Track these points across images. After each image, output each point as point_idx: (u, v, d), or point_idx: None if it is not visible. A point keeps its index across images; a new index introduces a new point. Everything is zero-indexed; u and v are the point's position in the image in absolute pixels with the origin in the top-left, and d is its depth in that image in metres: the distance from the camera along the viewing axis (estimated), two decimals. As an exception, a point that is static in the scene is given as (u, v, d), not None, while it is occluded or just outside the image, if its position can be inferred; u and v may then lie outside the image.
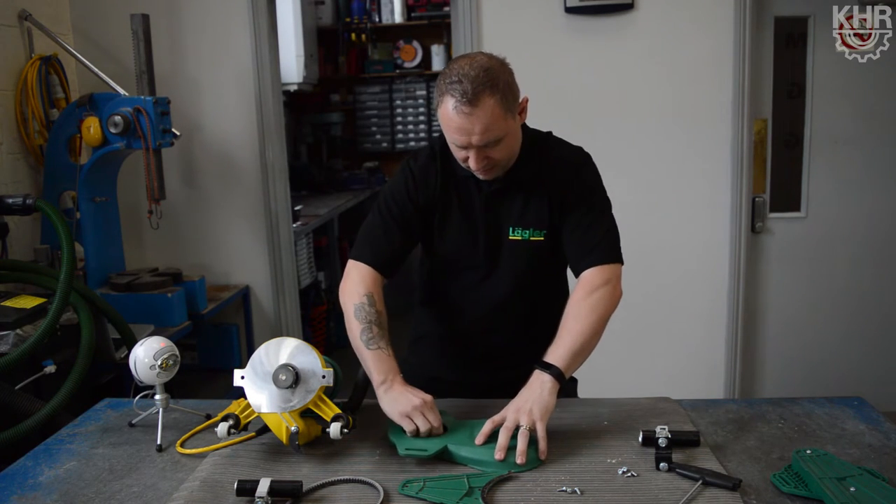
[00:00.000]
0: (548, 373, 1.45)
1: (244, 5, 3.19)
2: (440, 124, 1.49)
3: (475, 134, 1.43)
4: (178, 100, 3.04)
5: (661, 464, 1.30)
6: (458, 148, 1.49)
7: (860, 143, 3.16)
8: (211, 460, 1.39)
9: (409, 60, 5.83)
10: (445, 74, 1.45)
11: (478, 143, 1.45)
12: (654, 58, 3.07)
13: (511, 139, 1.51)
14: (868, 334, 3.29)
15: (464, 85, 1.40)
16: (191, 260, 3.36)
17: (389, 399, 1.45)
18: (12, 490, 1.33)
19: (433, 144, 1.67)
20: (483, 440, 1.37)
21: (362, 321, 1.54)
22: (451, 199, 1.63)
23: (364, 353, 1.51)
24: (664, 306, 3.22)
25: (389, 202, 1.64)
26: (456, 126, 1.44)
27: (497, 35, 3.07)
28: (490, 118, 1.42)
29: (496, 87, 1.42)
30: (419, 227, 1.64)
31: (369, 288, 1.58)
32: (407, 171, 1.65)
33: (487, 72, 1.43)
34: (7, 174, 2.92)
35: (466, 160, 1.50)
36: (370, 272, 1.61)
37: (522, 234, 1.61)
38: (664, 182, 3.16)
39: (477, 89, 1.40)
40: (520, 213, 1.61)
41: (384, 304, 1.59)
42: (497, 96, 1.42)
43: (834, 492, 1.17)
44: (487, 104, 1.41)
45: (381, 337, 1.53)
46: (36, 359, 2.25)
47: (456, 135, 1.45)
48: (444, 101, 1.44)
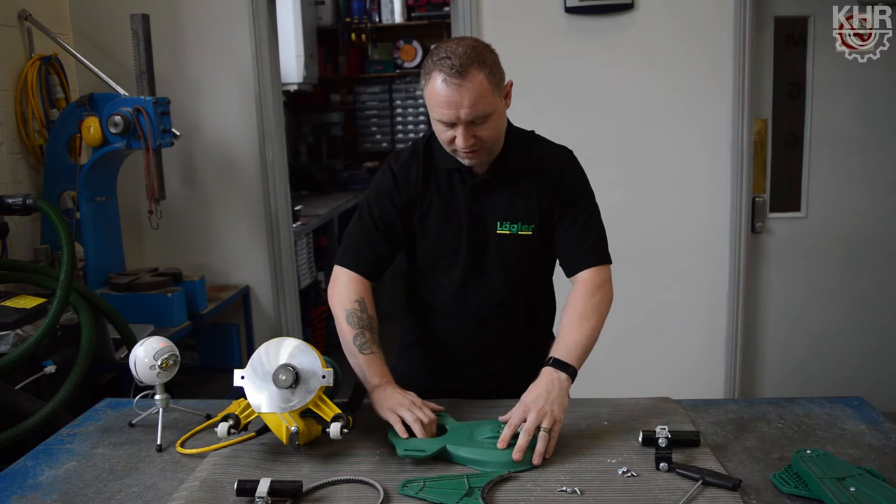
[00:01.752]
0: (564, 372, 1.45)
1: (244, 5, 3.19)
2: (427, 105, 1.49)
3: (464, 107, 1.42)
4: (178, 100, 3.05)
5: (661, 464, 1.30)
6: (444, 127, 1.47)
7: (860, 143, 3.16)
8: (211, 460, 1.39)
9: (409, 60, 5.83)
10: (432, 54, 1.46)
11: (466, 117, 1.43)
12: (654, 58, 3.07)
13: (498, 119, 1.50)
14: (868, 334, 3.29)
15: (452, 60, 1.41)
16: (191, 260, 3.36)
17: (380, 398, 1.47)
18: (12, 490, 1.33)
19: (417, 141, 1.67)
20: (505, 445, 1.36)
21: (355, 326, 1.55)
22: (433, 195, 1.61)
23: (358, 357, 1.53)
24: (664, 306, 3.22)
25: (372, 206, 1.63)
26: (444, 99, 1.42)
27: (497, 35, 3.06)
28: (479, 91, 1.42)
29: (484, 63, 1.43)
30: (402, 228, 1.63)
31: (360, 293, 1.59)
32: (387, 172, 1.64)
33: (474, 49, 1.44)
34: (7, 174, 2.92)
35: (452, 141, 1.48)
36: (357, 277, 1.61)
37: (510, 228, 1.59)
38: (664, 182, 3.15)
39: (465, 63, 1.41)
40: (507, 206, 1.60)
41: (374, 308, 1.60)
42: (485, 70, 1.43)
43: (834, 492, 1.17)
44: (477, 77, 1.41)
45: (373, 342, 1.55)
46: (36, 359, 2.25)
47: (444, 109, 1.43)
48: (432, 78, 1.43)
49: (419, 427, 1.39)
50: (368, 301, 1.59)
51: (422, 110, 5.84)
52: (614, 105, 3.13)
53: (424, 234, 1.63)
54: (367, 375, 1.51)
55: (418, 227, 1.63)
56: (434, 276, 1.67)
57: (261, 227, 3.37)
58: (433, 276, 1.67)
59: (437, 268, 1.65)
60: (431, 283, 1.68)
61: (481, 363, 1.71)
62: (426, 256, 1.65)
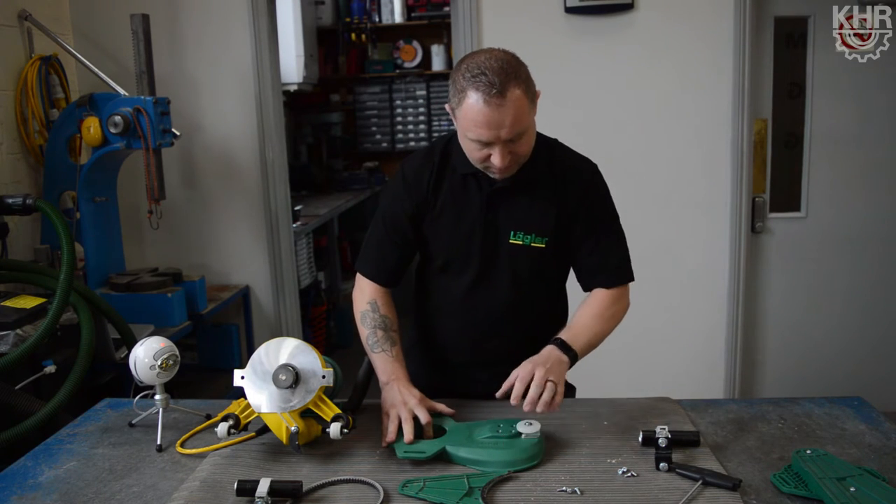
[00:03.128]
0: (566, 355, 1.46)
1: (244, 5, 3.19)
2: (458, 124, 1.44)
3: (505, 127, 1.38)
4: (178, 100, 3.04)
5: (661, 464, 1.30)
6: (479, 147, 1.42)
7: (860, 143, 3.16)
8: (211, 460, 1.39)
9: (409, 60, 5.83)
10: (464, 69, 1.39)
11: (506, 136, 1.39)
12: (653, 58, 3.07)
13: (532, 132, 1.47)
14: (868, 334, 3.29)
15: (489, 77, 1.35)
16: (191, 260, 3.36)
17: (384, 396, 1.50)
18: (12, 490, 1.33)
19: (436, 142, 1.64)
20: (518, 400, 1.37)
21: (368, 326, 1.60)
22: (446, 199, 1.59)
23: (371, 356, 1.57)
24: (664, 306, 3.22)
25: (385, 212, 1.65)
26: (484, 120, 1.37)
27: (497, 35, 3.07)
28: (518, 109, 1.38)
29: (520, 78, 1.39)
30: (413, 234, 1.63)
31: (373, 295, 1.64)
32: (399, 178, 1.63)
33: (509, 63, 1.39)
34: (7, 174, 2.92)
35: (486, 159, 1.44)
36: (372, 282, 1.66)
37: (524, 239, 1.57)
38: (664, 182, 3.16)
39: (504, 80, 1.35)
40: (522, 216, 1.57)
41: (392, 305, 1.63)
42: (522, 87, 1.39)
43: (834, 492, 1.17)
44: (515, 94, 1.37)
45: (385, 340, 1.57)
46: (36, 359, 2.25)
47: (483, 129, 1.38)
48: (468, 97, 1.37)
49: (409, 426, 1.39)
50: (381, 301, 1.63)
51: (422, 110, 5.85)
52: (614, 105, 3.13)
53: (436, 237, 1.62)
54: (378, 374, 1.55)
55: (429, 230, 1.62)
56: (444, 279, 1.66)
57: (261, 227, 3.37)
58: (443, 279, 1.67)
59: (448, 271, 1.65)
60: (441, 285, 1.68)
61: (486, 368, 1.68)
62: (437, 259, 1.65)
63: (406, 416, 1.41)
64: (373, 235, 1.67)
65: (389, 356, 1.55)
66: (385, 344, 1.57)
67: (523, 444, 1.35)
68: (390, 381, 1.51)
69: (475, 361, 1.70)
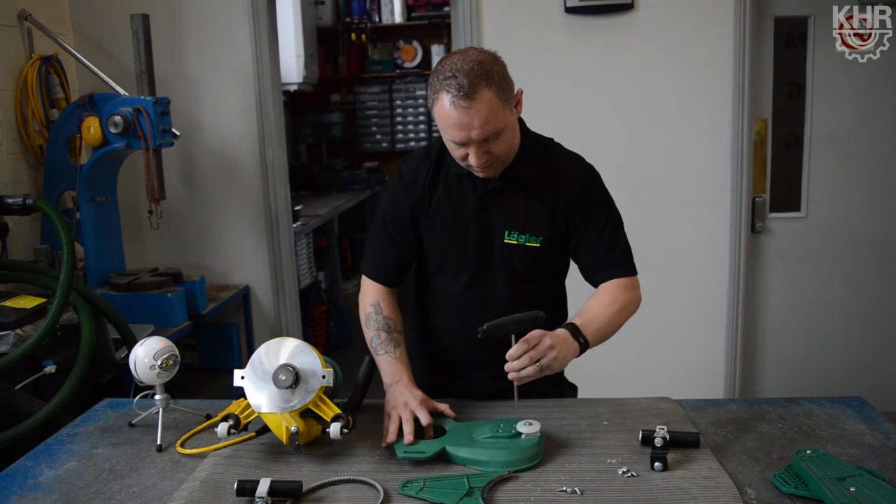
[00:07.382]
0: (577, 341, 1.47)
1: (244, 5, 3.19)
2: (437, 123, 1.47)
3: (474, 128, 1.40)
4: (178, 100, 3.05)
5: (656, 463, 1.30)
6: (456, 146, 1.47)
7: (860, 143, 3.16)
8: (211, 460, 1.39)
9: (409, 60, 5.84)
10: (437, 72, 1.43)
11: (477, 137, 1.42)
12: (654, 58, 3.07)
13: (510, 132, 1.48)
14: (868, 334, 3.29)
15: (458, 79, 1.38)
16: (191, 260, 3.36)
17: (387, 398, 1.50)
18: (12, 490, 1.33)
19: (433, 142, 1.66)
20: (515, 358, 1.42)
21: (371, 329, 1.62)
22: (441, 198, 1.60)
23: (376, 358, 1.59)
24: (664, 306, 3.21)
25: (385, 213, 1.66)
26: (454, 122, 1.41)
27: (497, 35, 3.07)
28: (488, 110, 1.40)
29: (491, 79, 1.40)
30: (412, 233, 1.64)
31: (376, 296, 1.66)
32: (397, 177, 1.65)
33: (480, 64, 1.40)
34: (7, 174, 2.92)
35: (465, 158, 1.48)
36: (376, 283, 1.68)
37: (518, 239, 1.58)
38: (664, 182, 3.16)
39: (472, 82, 1.38)
40: (516, 216, 1.58)
41: (395, 306, 1.66)
42: (493, 88, 1.40)
43: (834, 492, 1.17)
44: (484, 96, 1.39)
45: (388, 341, 1.59)
46: (36, 359, 2.25)
47: (454, 131, 1.42)
48: (440, 98, 1.41)
49: (409, 427, 1.39)
50: (385, 302, 1.65)
51: (422, 110, 5.85)
52: (614, 105, 3.13)
53: (431, 237, 1.63)
54: (382, 375, 1.56)
55: (425, 229, 1.63)
56: (441, 279, 1.67)
57: (261, 227, 3.37)
58: (440, 279, 1.67)
59: (444, 271, 1.66)
60: (438, 285, 1.68)
61: (484, 367, 1.68)
62: (433, 259, 1.66)
63: (407, 417, 1.41)
64: (374, 236, 1.69)
65: (393, 358, 1.56)
66: (388, 346, 1.58)
67: (523, 444, 1.35)
68: (394, 382, 1.51)
69: (474, 361, 1.70)
